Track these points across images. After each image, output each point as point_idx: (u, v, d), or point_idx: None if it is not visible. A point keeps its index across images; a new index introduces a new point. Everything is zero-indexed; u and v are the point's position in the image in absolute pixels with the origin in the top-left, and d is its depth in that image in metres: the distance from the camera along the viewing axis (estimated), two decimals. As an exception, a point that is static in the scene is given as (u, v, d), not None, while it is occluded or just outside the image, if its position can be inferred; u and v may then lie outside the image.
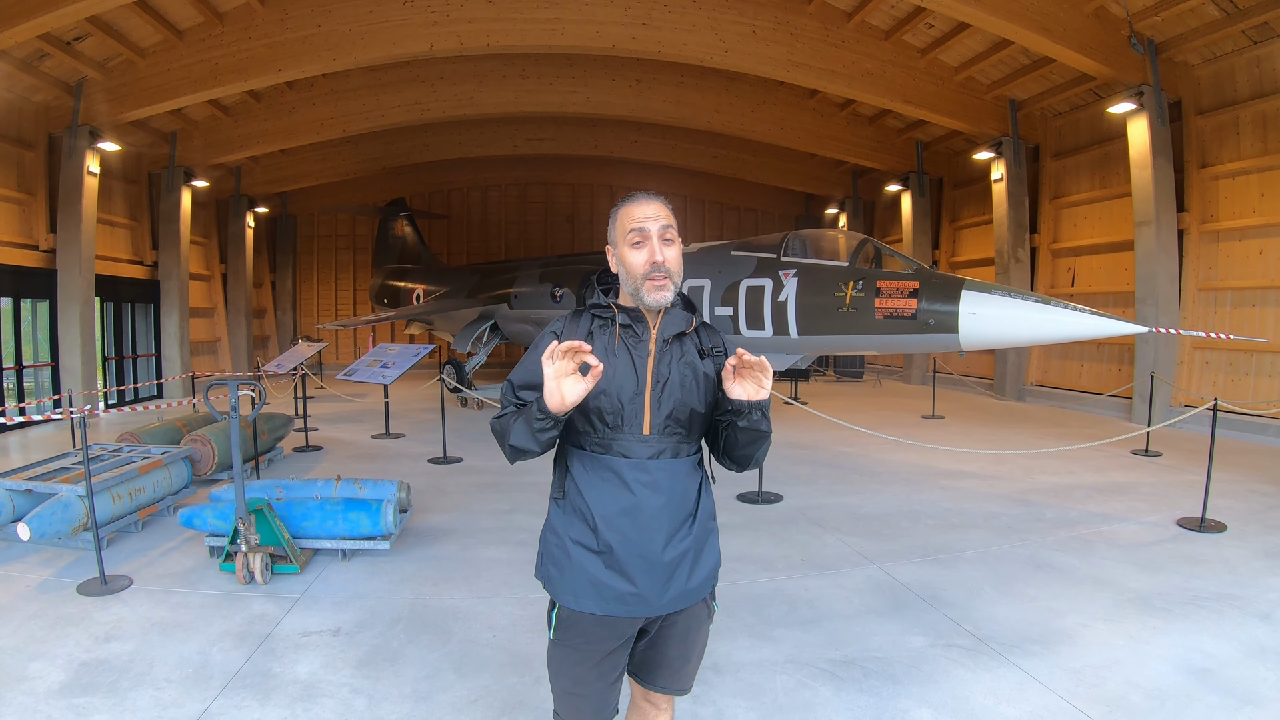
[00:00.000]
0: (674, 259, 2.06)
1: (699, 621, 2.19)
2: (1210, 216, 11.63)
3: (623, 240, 2.08)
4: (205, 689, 3.56)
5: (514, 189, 22.99)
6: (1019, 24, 10.30)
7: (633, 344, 2.08)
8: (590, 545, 2.04)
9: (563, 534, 2.09)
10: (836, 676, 3.72)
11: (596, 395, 2.01)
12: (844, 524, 6.40)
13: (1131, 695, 3.49)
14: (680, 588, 2.06)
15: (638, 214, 2.07)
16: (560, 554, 2.09)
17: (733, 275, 9.22)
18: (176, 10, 11.46)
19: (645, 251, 2.04)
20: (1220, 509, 6.54)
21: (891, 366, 19.86)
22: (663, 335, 2.10)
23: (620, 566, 2.01)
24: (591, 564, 2.03)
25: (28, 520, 5.00)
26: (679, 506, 2.07)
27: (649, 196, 2.11)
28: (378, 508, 5.36)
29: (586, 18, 11.60)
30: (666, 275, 2.03)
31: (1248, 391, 10.80)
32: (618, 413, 2.03)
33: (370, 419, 12.12)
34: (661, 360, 2.07)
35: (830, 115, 16.60)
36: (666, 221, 2.06)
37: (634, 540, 2.01)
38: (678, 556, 2.05)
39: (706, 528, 2.15)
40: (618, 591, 2.01)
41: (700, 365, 2.11)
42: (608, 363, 2.03)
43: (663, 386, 2.05)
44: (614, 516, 2.02)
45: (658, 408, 2.04)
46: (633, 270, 2.06)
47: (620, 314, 2.11)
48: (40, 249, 12.50)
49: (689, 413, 2.08)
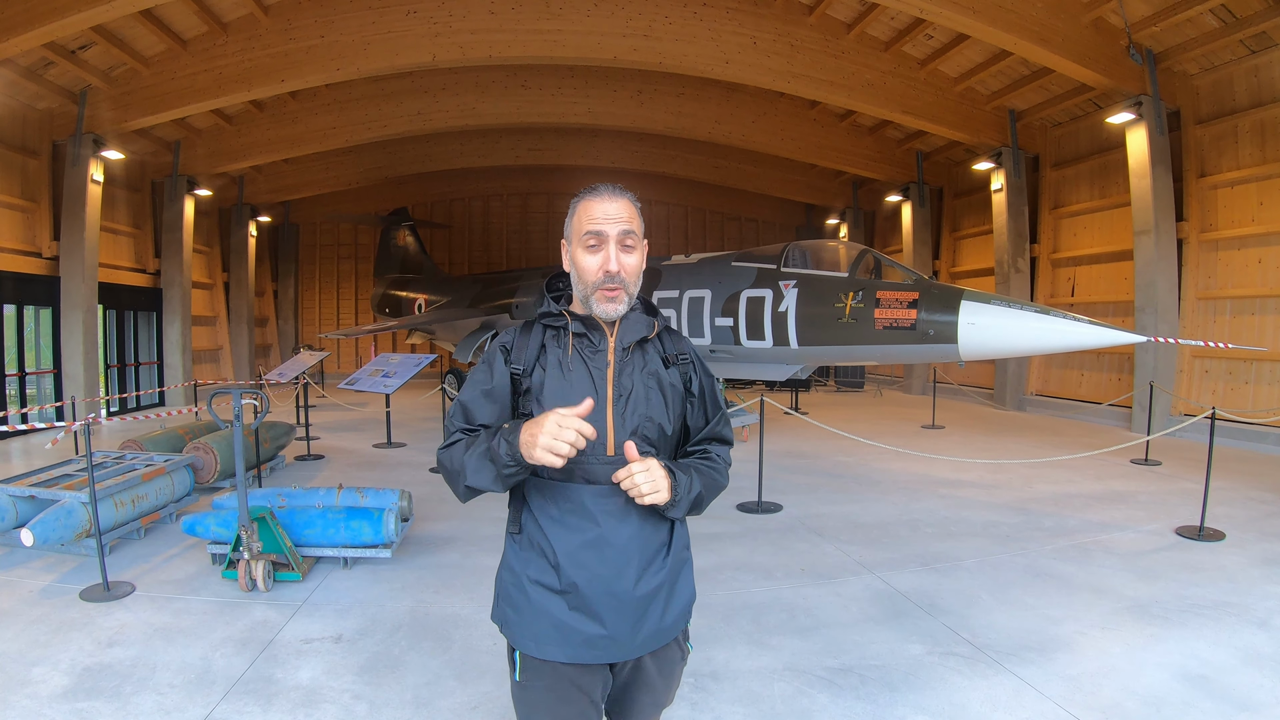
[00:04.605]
0: (632, 268, 1.84)
1: (672, 665, 1.98)
2: (1209, 225, 11.67)
3: (577, 240, 1.85)
4: (208, 694, 3.59)
5: (516, 199, 23.08)
6: (1018, 35, 10.37)
7: (589, 355, 1.87)
8: (552, 585, 1.81)
9: (519, 573, 1.87)
10: (834, 684, 3.73)
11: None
12: (843, 533, 6.42)
13: (1127, 702, 3.50)
14: (654, 626, 1.85)
15: (597, 212, 1.82)
16: (518, 595, 1.86)
17: (733, 286, 9.25)
18: (181, 20, 11.56)
19: (600, 257, 1.82)
20: (1219, 517, 6.55)
21: (892, 376, 19.87)
22: (621, 343, 1.88)
23: (587, 606, 1.79)
24: (554, 605, 1.80)
25: (31, 526, 5.04)
26: (651, 536, 1.85)
27: (614, 192, 1.85)
28: (379, 516, 5.39)
29: (588, 29, 11.70)
30: (620, 286, 1.82)
31: (1247, 400, 10.82)
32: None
33: (372, 428, 12.14)
34: (622, 371, 1.86)
35: (831, 126, 16.68)
36: (628, 226, 1.82)
37: (602, 576, 1.79)
38: (651, 591, 1.83)
39: (681, 558, 1.94)
40: (585, 635, 1.79)
41: (665, 375, 1.91)
42: (562, 378, 1.84)
43: (626, 400, 1.84)
44: (577, 551, 1.79)
45: (621, 424, 1.83)
46: (584, 275, 1.84)
47: (574, 322, 1.89)
48: (43, 256, 12.56)
49: (657, 429, 1.88)
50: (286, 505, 5.59)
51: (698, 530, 6.29)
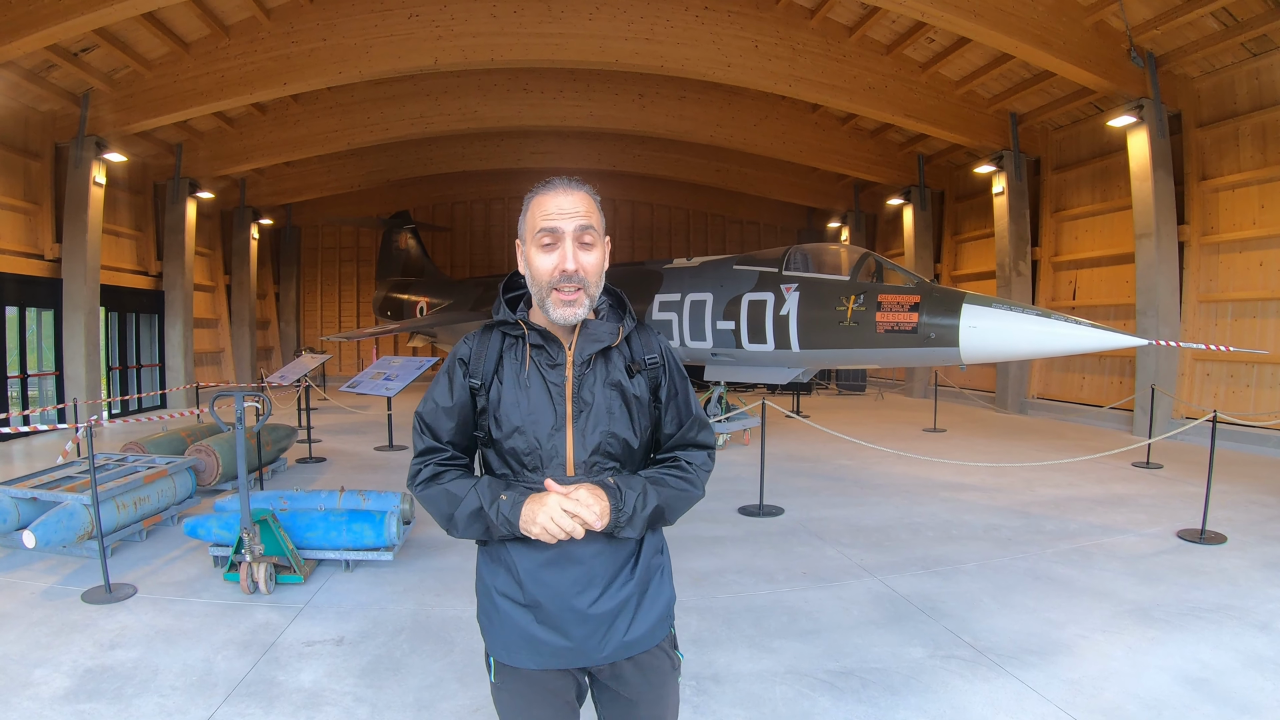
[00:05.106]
0: (592, 266, 1.73)
1: (662, 676, 1.88)
2: (1210, 228, 11.67)
3: (531, 238, 1.75)
4: (210, 697, 3.59)
5: (517, 202, 22.38)
6: (1019, 38, 10.38)
7: (546, 369, 1.76)
8: (517, 599, 1.77)
9: (489, 584, 1.83)
10: (835, 687, 3.73)
11: (510, 434, 1.75)
12: (844, 536, 6.41)
13: (1129, 705, 3.50)
14: (620, 639, 1.78)
15: (551, 207, 1.72)
16: (489, 605, 1.83)
17: (735, 289, 9.27)
18: (183, 23, 11.59)
19: (555, 256, 1.71)
20: (1220, 520, 6.55)
21: (893, 380, 19.87)
22: (580, 355, 1.77)
23: (552, 621, 1.74)
24: (521, 617, 1.77)
25: (33, 528, 5.04)
26: (616, 551, 1.77)
27: (569, 184, 1.76)
28: (381, 519, 5.39)
29: (590, 32, 11.72)
30: (580, 287, 1.71)
31: (1248, 403, 10.81)
32: (535, 452, 1.74)
33: (373, 431, 12.14)
34: (582, 385, 1.76)
35: (832, 129, 16.69)
36: (585, 221, 1.72)
37: (563, 594, 1.73)
38: (616, 607, 1.76)
39: (653, 565, 1.85)
40: (552, 646, 1.75)
41: (629, 386, 1.80)
42: (519, 392, 1.76)
43: (586, 416, 1.75)
44: (539, 569, 1.74)
45: (581, 442, 1.74)
46: (539, 276, 1.73)
47: (530, 333, 1.78)
48: (46, 258, 12.59)
49: (621, 444, 1.79)
50: (288, 508, 5.59)
51: (699, 533, 6.30)
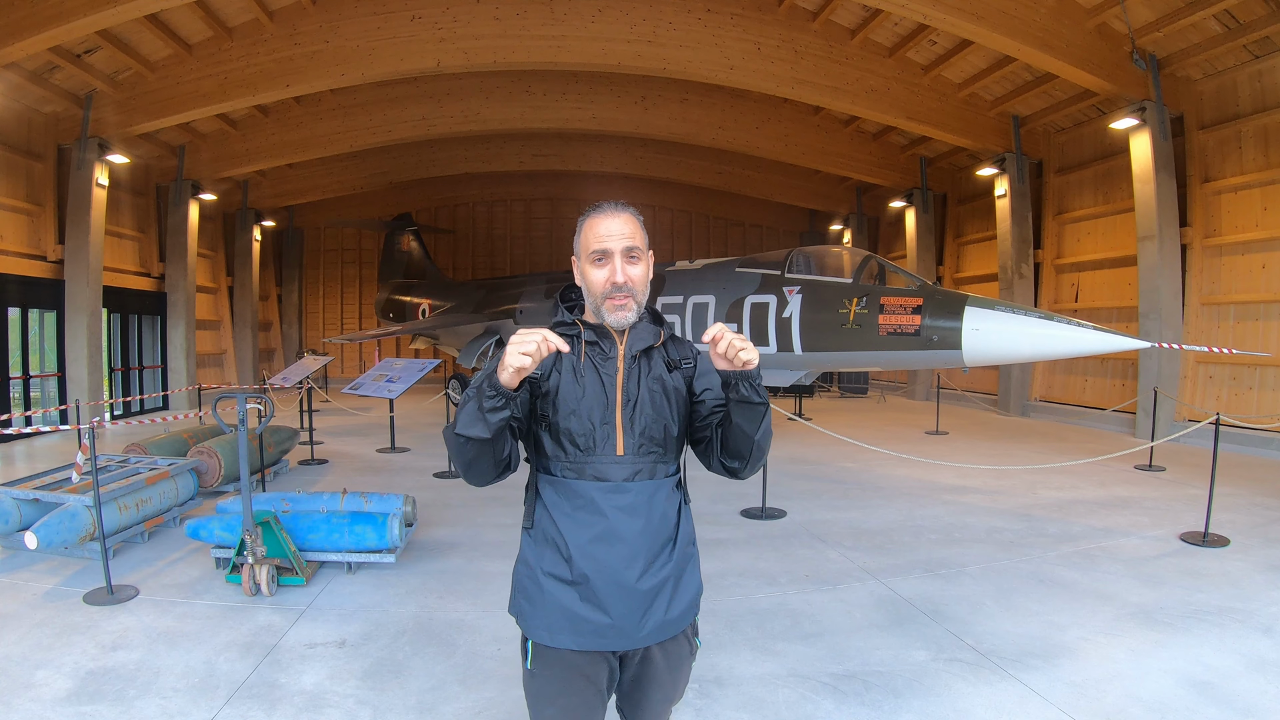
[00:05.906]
0: (638, 278, 1.98)
1: (681, 660, 2.08)
2: (1213, 231, 11.66)
3: (585, 256, 2.00)
4: (211, 698, 3.59)
5: (520, 204, 23.09)
6: (1021, 41, 10.38)
7: (600, 361, 2.00)
8: (564, 576, 1.93)
9: (534, 566, 1.99)
10: (838, 690, 3.72)
11: (567, 416, 1.94)
12: (847, 539, 6.41)
13: (1132, 708, 3.49)
14: (660, 618, 1.95)
15: (601, 230, 1.96)
16: (532, 587, 1.99)
17: (737, 292, 9.27)
18: (186, 25, 11.63)
19: (607, 270, 1.96)
20: (1223, 523, 6.53)
21: (896, 382, 19.85)
22: (630, 351, 2.01)
23: (595, 598, 1.90)
24: (566, 596, 1.92)
25: (35, 529, 5.05)
26: (658, 531, 1.97)
27: (616, 209, 2.00)
28: (383, 521, 5.39)
29: (592, 35, 11.73)
30: (629, 295, 1.96)
31: (1251, 405, 10.79)
32: (589, 434, 1.94)
33: (375, 433, 12.15)
34: (630, 377, 1.99)
35: (834, 132, 16.69)
36: (631, 242, 1.96)
37: (610, 567, 1.90)
38: (657, 584, 1.94)
39: (687, 553, 2.05)
40: (594, 625, 1.91)
41: (669, 380, 2.03)
42: (575, 383, 1.96)
43: (634, 405, 1.97)
44: (588, 544, 1.91)
45: (630, 427, 1.95)
46: (593, 288, 1.99)
47: (586, 330, 2.03)
48: (48, 260, 12.63)
49: (663, 430, 2.00)
50: (290, 510, 5.59)
51: (701, 536, 6.24)
